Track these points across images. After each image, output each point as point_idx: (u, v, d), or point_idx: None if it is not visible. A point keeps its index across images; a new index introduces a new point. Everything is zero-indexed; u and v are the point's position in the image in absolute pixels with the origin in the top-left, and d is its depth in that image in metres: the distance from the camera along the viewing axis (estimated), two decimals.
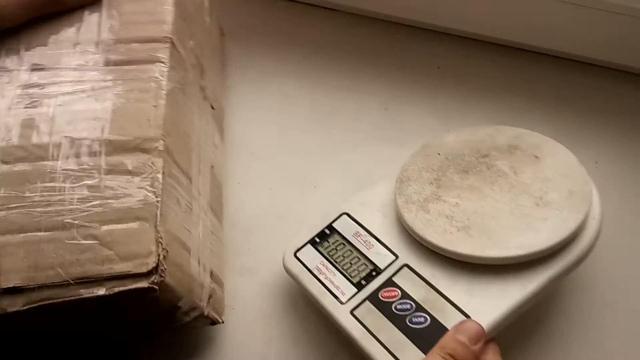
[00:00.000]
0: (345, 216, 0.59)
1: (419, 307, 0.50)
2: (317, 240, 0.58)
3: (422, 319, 0.50)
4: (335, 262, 0.56)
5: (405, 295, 0.52)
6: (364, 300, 0.52)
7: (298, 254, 0.57)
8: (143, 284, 0.42)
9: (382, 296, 0.52)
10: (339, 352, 0.58)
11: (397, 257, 0.54)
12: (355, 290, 0.53)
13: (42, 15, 0.54)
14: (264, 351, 0.58)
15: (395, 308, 0.51)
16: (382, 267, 0.54)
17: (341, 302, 0.53)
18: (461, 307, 0.50)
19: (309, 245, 0.58)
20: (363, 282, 0.54)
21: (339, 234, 0.58)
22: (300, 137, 0.73)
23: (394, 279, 0.53)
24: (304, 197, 0.68)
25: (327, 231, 0.58)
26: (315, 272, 0.55)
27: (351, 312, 0.52)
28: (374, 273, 0.54)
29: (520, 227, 0.52)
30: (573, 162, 0.56)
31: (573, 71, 0.78)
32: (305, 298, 0.60)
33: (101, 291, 0.41)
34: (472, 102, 0.75)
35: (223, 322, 0.57)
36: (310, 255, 0.57)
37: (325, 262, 0.56)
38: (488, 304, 0.50)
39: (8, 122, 0.47)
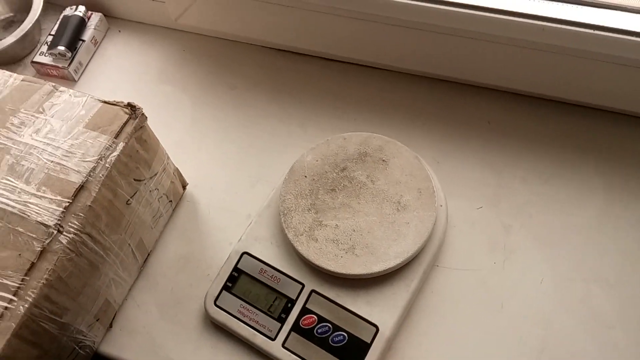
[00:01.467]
0: (246, 255, 0.68)
1: (336, 327, 0.64)
2: (230, 284, 0.67)
3: (341, 337, 0.63)
4: (253, 302, 0.66)
5: (321, 319, 0.64)
6: (290, 332, 0.64)
7: (218, 303, 0.66)
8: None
9: (302, 324, 0.64)
10: None
11: (303, 285, 0.66)
12: (279, 324, 0.65)
13: None
14: None
15: (317, 332, 0.64)
16: (294, 297, 0.65)
17: (272, 339, 0.64)
18: (368, 318, 0.64)
19: (224, 292, 0.67)
20: (283, 315, 0.65)
21: (246, 274, 0.67)
22: None
23: (307, 306, 0.65)
24: None
25: (235, 274, 0.67)
26: (239, 316, 0.66)
27: (283, 346, 0.64)
28: (289, 305, 0.65)
29: (392, 237, 0.65)
30: (413, 160, 0.69)
31: (622, 124, 0.78)
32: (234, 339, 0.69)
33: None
34: (523, 155, 0.77)
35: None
36: (229, 301, 0.66)
37: (245, 304, 0.66)
38: (386, 308, 0.64)
39: None
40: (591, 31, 0.69)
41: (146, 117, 0.62)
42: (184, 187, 0.77)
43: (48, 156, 0.57)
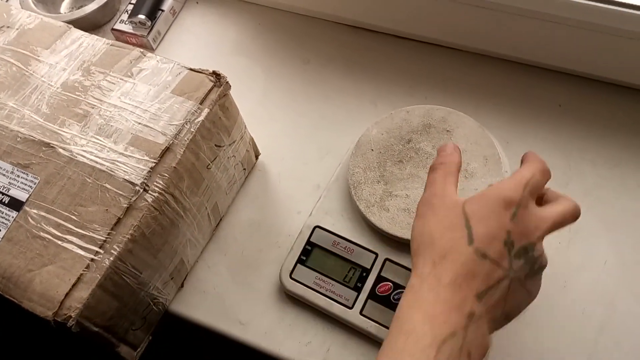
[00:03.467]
0: (318, 229, 0.69)
1: None
2: (304, 258, 0.68)
3: None
4: (328, 273, 0.67)
5: (397, 285, 0.64)
6: (366, 300, 0.64)
7: (293, 276, 0.67)
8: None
9: (379, 292, 0.64)
10: None
11: (376, 254, 0.66)
12: (355, 293, 0.65)
13: None
14: None
15: (394, 298, 0.64)
16: (368, 266, 0.66)
17: (349, 308, 0.65)
18: None
19: (299, 265, 0.67)
20: (359, 284, 0.65)
21: (320, 247, 0.68)
22: None
23: (382, 274, 0.65)
24: None
25: (309, 247, 0.68)
26: (316, 288, 0.66)
27: (360, 313, 0.64)
28: (364, 274, 0.66)
29: None
30: (477, 129, 0.70)
31: None
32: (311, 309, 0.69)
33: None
34: (593, 139, 0.77)
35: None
36: (304, 273, 0.67)
37: (320, 275, 0.67)
38: None
39: None
40: None
41: (230, 86, 0.64)
42: (256, 157, 0.79)
43: (136, 118, 0.60)
